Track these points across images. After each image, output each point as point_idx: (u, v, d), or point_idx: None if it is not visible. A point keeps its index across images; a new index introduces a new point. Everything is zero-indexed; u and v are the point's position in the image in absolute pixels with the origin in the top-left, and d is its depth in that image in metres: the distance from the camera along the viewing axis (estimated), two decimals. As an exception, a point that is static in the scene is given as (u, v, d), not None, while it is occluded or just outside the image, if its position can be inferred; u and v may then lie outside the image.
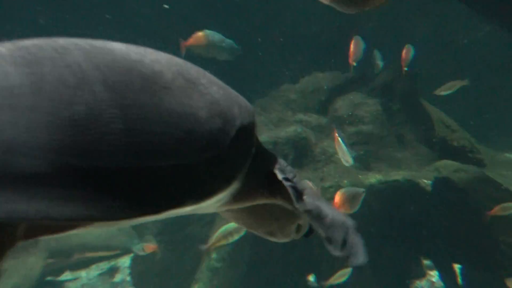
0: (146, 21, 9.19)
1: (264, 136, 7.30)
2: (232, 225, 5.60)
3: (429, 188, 6.70)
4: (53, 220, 1.56)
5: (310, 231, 2.44)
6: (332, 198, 6.83)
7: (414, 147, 7.48)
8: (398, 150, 7.44)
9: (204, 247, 5.72)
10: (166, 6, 8.05)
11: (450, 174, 6.72)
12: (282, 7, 9.36)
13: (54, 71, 1.69)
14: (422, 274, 7.46)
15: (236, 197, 2.09)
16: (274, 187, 2.16)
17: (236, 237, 5.65)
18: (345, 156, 6.12)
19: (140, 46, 1.97)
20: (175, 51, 7.50)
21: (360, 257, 2.13)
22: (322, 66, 8.43)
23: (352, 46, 6.90)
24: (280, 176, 2.15)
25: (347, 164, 6.14)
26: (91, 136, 1.63)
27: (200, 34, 6.55)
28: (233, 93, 2.04)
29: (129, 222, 1.74)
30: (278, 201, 2.24)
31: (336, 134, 6.07)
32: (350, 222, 2.21)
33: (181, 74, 1.92)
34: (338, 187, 6.84)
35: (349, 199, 5.81)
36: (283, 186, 2.13)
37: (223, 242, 5.69)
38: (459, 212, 6.31)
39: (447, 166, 6.86)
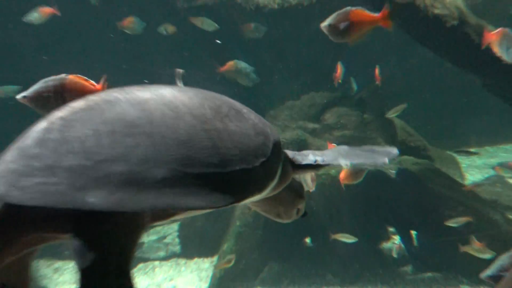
0: (193, 52, 9.19)
1: (275, 138, 7.49)
2: None
3: (393, 176, 6.89)
4: (178, 209, 1.76)
5: (305, 213, 2.49)
6: (324, 184, 7.00)
7: (383, 147, 7.59)
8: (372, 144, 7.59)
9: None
10: (218, 41, 8.04)
11: (409, 166, 6.86)
12: (287, 44, 9.36)
13: (158, 108, 1.77)
14: (387, 238, 7.57)
15: (273, 188, 2.16)
16: (297, 169, 2.29)
17: None
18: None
19: (197, 88, 2.03)
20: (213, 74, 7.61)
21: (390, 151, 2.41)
22: (317, 87, 8.50)
23: (338, 70, 7.06)
24: (301, 161, 2.30)
25: (345, 167, 6.13)
26: (193, 152, 1.72)
27: (231, 62, 6.65)
28: (261, 117, 2.13)
29: (218, 208, 1.77)
30: (301, 176, 2.34)
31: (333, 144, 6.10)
32: (345, 147, 2.43)
33: (231, 106, 1.98)
34: (328, 174, 7.01)
35: (354, 174, 5.81)
36: (302, 166, 2.28)
37: None
38: (415, 193, 6.44)
39: (407, 160, 7.01)
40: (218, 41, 8.23)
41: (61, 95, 3.45)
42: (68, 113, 1.68)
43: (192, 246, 8.19)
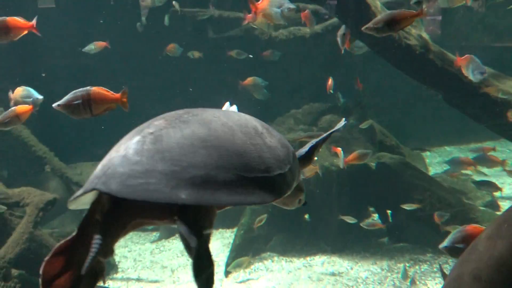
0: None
1: (282, 137, 7.41)
2: None
3: (374, 168, 6.75)
4: (241, 205, 1.81)
5: (305, 202, 2.37)
6: (318, 173, 6.92)
7: (365, 145, 7.50)
8: (356, 146, 7.46)
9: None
10: (250, 56, 7.98)
11: (386, 160, 6.75)
12: (292, 66, 9.38)
13: (218, 127, 1.81)
14: (368, 216, 7.46)
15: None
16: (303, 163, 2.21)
17: None
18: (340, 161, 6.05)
19: (238, 112, 2.08)
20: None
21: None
22: (314, 99, 8.50)
23: (329, 83, 7.07)
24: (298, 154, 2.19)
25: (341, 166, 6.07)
26: (247, 161, 1.75)
27: (250, 78, 6.62)
28: (279, 133, 2.10)
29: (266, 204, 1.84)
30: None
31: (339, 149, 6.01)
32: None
33: (262, 125, 1.96)
34: (322, 166, 6.91)
35: (360, 155, 5.89)
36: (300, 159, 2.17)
37: None
38: (391, 181, 6.35)
39: (384, 156, 6.89)
40: (250, 56, 8.22)
41: (88, 103, 3.43)
42: (156, 130, 1.75)
43: (217, 219, 8.11)
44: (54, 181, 7.94)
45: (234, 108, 2.32)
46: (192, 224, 1.64)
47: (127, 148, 1.68)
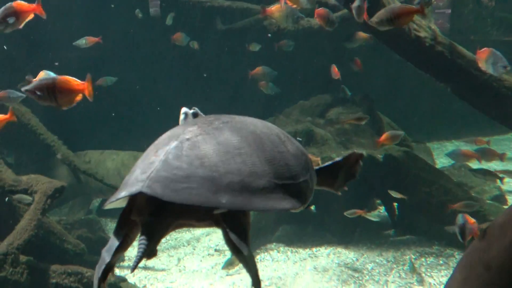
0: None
1: (290, 129, 7.37)
2: None
3: (381, 160, 6.69)
4: (275, 211, 1.83)
5: (308, 205, 2.29)
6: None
7: (373, 137, 7.45)
8: (363, 138, 7.45)
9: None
10: (269, 35, 7.90)
11: (393, 153, 6.69)
12: (300, 58, 9.31)
13: (249, 136, 1.87)
14: (375, 208, 7.44)
15: None
16: None
17: None
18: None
19: (260, 120, 2.08)
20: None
21: None
22: (322, 91, 8.42)
23: (335, 70, 7.02)
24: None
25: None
26: (276, 168, 1.80)
27: (259, 68, 6.58)
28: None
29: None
30: None
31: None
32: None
33: (283, 133, 2.01)
34: (329, 157, 6.87)
35: (393, 136, 5.87)
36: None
37: None
38: (397, 173, 6.30)
39: (392, 148, 6.81)
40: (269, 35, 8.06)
41: (53, 92, 3.35)
42: (192, 136, 1.80)
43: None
44: (62, 169, 7.96)
45: (193, 112, 2.20)
46: (241, 232, 1.73)
47: (167, 153, 1.73)
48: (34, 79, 4.29)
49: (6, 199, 4.96)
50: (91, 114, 9.08)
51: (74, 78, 3.42)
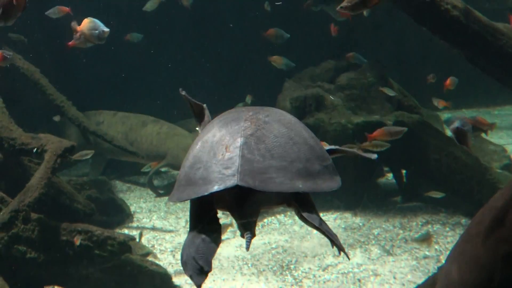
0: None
1: (300, 94, 7.30)
2: None
3: (391, 126, 6.62)
4: (333, 189, 2.02)
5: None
6: (335, 130, 6.84)
7: (383, 104, 7.37)
8: (373, 104, 7.36)
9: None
10: (279, 3, 7.71)
11: (404, 119, 6.62)
12: (312, 24, 9.13)
13: (293, 127, 2.04)
14: (383, 175, 7.43)
15: None
16: None
17: None
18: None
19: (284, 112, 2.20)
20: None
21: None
22: (333, 57, 8.27)
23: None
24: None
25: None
26: (317, 152, 1.99)
27: (272, 29, 6.42)
28: None
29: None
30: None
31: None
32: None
33: (299, 122, 2.15)
34: (339, 123, 6.84)
35: (392, 132, 5.58)
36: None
37: None
38: (407, 140, 6.20)
39: (402, 115, 6.76)
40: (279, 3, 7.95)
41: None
42: (253, 132, 1.94)
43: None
44: (71, 130, 7.98)
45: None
46: (311, 208, 1.95)
47: (242, 149, 1.89)
48: (79, 27, 4.23)
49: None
50: (100, 76, 9.05)
51: None
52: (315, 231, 6.22)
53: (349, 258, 4.54)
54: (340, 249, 1.90)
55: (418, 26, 6.40)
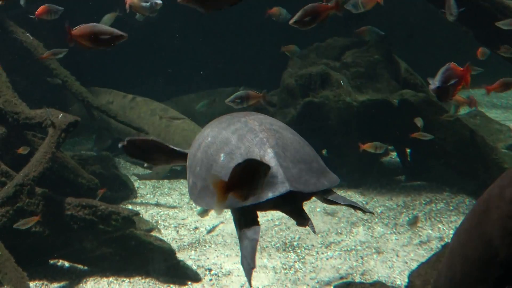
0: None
1: (305, 72, 7.23)
2: None
3: (396, 105, 6.58)
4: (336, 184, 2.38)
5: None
6: (340, 108, 6.77)
7: (389, 82, 7.30)
8: (379, 83, 7.28)
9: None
10: None
11: (409, 97, 6.57)
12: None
13: (293, 133, 2.46)
14: (386, 153, 7.39)
15: None
16: None
17: None
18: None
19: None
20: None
21: None
22: (339, 33, 8.13)
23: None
24: None
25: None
26: (315, 156, 2.41)
27: (276, 8, 6.32)
28: None
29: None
30: None
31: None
32: None
33: (294, 132, 2.53)
34: (344, 101, 6.78)
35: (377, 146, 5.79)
36: None
37: None
38: (412, 119, 6.18)
39: (407, 93, 6.69)
40: None
41: None
42: (275, 142, 2.28)
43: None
44: (75, 105, 7.96)
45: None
46: (332, 192, 2.37)
47: (276, 159, 2.22)
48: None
49: None
50: (105, 53, 8.98)
51: None
52: (317, 209, 6.20)
53: (373, 213, 5.62)
54: (370, 212, 2.47)
55: (425, 2, 6.33)
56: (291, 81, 7.21)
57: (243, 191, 2.06)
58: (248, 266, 2.06)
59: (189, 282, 4.61)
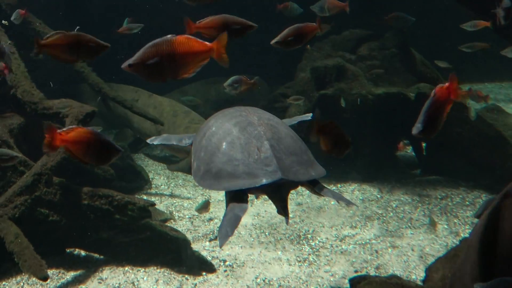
0: None
1: (320, 64, 7.19)
2: None
3: (413, 98, 6.52)
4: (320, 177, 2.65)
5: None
6: (355, 101, 6.72)
7: (405, 75, 7.24)
8: (395, 76, 7.23)
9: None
10: None
11: (426, 90, 6.48)
12: None
13: (287, 128, 2.73)
14: (402, 148, 7.31)
15: None
16: None
17: None
18: None
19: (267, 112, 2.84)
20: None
21: None
22: (355, 26, 8.06)
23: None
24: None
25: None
26: (306, 149, 2.71)
27: (287, 3, 6.26)
28: None
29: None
30: None
31: None
32: None
33: (284, 123, 2.83)
34: (359, 94, 6.73)
35: None
36: None
37: None
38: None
39: (424, 86, 6.62)
40: None
41: (173, 59, 2.47)
42: (270, 136, 2.54)
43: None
44: (91, 95, 7.99)
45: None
46: (320, 185, 2.59)
47: (272, 150, 2.47)
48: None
49: None
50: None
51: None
52: (332, 202, 6.19)
53: (358, 206, 5.80)
54: (354, 204, 2.66)
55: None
56: (307, 73, 7.17)
57: None
58: (226, 233, 2.32)
59: (204, 273, 4.63)
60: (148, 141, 3.10)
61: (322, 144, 2.74)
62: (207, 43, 2.55)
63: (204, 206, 5.63)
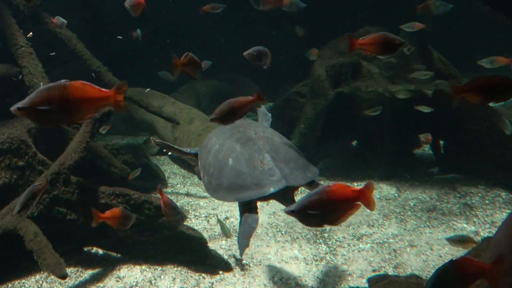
0: None
1: (335, 62, 7.13)
2: None
3: (430, 95, 6.41)
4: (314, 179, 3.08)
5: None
6: (372, 99, 6.64)
7: (422, 73, 7.13)
8: (412, 73, 7.14)
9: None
10: None
11: (444, 87, 6.40)
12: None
13: (281, 138, 3.23)
14: (419, 145, 7.22)
15: None
16: None
17: None
18: None
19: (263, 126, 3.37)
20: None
21: None
22: (370, 23, 7.99)
23: None
24: None
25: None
26: (300, 156, 3.13)
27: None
28: None
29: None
30: None
31: None
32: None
33: (281, 136, 3.25)
34: (375, 92, 6.66)
35: None
36: None
37: None
38: (447, 110, 6.03)
39: (441, 84, 6.53)
40: None
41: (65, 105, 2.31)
42: (268, 149, 2.94)
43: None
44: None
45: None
46: (316, 185, 2.89)
47: (274, 161, 2.87)
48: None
49: None
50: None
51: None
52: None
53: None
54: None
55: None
56: (322, 71, 7.12)
57: None
58: (244, 245, 2.69)
59: (221, 272, 4.62)
60: (164, 151, 3.88)
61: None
62: (103, 89, 2.40)
63: (224, 230, 5.39)
